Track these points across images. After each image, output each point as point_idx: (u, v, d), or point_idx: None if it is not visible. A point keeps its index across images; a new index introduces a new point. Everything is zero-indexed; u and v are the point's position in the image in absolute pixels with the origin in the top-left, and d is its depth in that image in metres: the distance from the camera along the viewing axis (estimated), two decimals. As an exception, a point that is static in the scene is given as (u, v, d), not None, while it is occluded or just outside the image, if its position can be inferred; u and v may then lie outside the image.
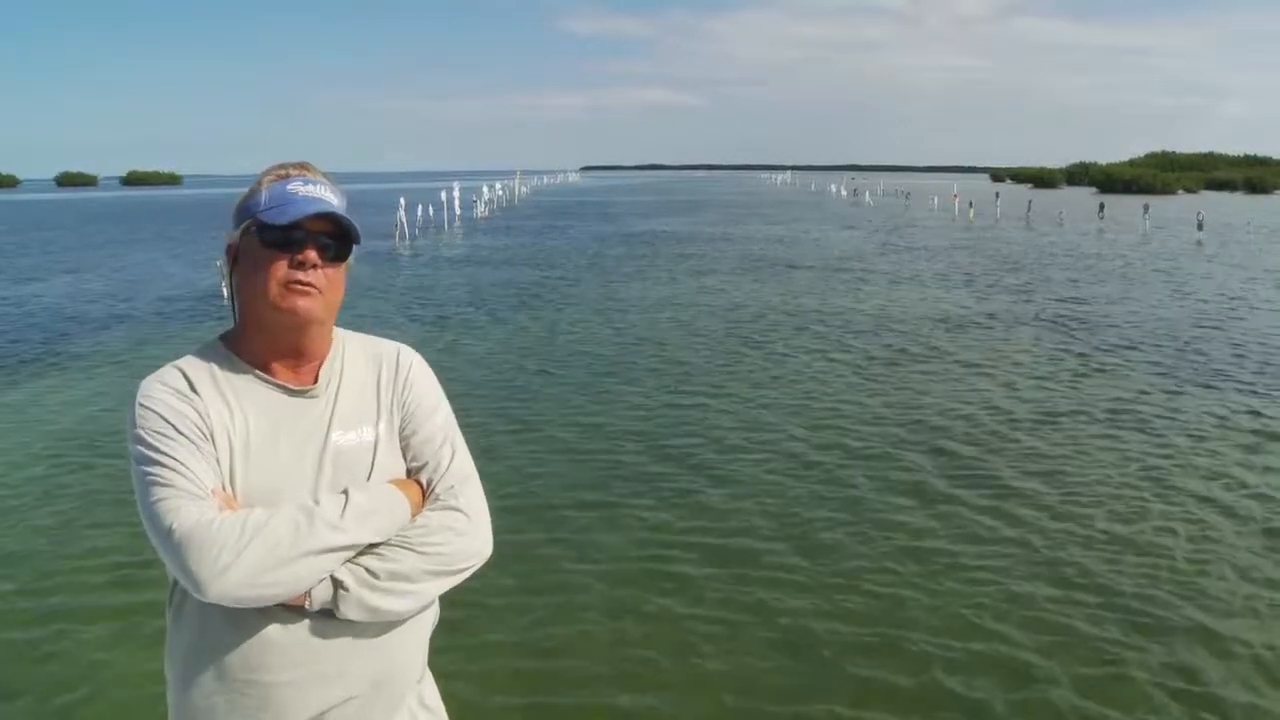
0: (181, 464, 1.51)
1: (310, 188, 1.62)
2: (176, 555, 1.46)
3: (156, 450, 1.51)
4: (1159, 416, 8.49)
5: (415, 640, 1.72)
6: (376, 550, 1.58)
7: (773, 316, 14.33)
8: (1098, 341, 12.26)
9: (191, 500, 1.48)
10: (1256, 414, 8.56)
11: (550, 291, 17.28)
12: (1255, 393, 9.41)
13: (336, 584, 1.54)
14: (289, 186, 1.62)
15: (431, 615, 1.76)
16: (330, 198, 1.63)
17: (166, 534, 1.47)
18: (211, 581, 1.45)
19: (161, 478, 1.50)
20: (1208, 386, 9.69)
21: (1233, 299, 16.22)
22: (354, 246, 1.67)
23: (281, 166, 1.66)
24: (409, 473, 1.71)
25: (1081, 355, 11.35)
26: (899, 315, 14.48)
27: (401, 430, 1.73)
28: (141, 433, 1.54)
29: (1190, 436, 7.86)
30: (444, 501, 1.68)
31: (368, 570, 1.56)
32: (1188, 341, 12.24)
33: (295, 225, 1.58)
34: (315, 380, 1.68)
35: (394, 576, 1.58)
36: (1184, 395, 9.32)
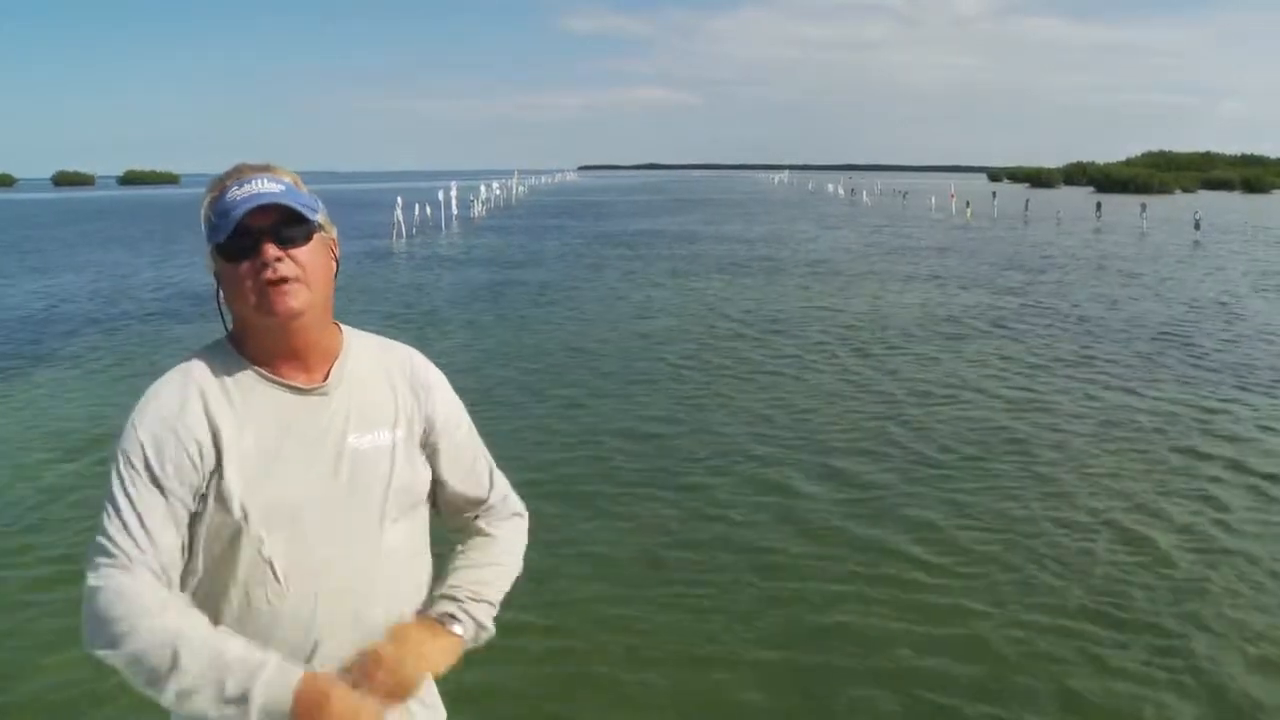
0: (139, 516, 1.49)
1: (245, 188, 1.56)
2: (86, 601, 1.47)
3: (126, 487, 1.50)
4: (1130, 417, 8.50)
5: None
6: (496, 581, 1.77)
7: (754, 318, 14.32)
8: (1087, 343, 12.27)
9: (124, 566, 1.46)
10: (1205, 419, 8.57)
11: (536, 293, 17.26)
12: (1215, 395, 9.44)
13: (480, 627, 1.70)
14: (226, 197, 1.56)
15: None
16: (269, 187, 1.56)
17: (90, 571, 1.48)
18: (89, 645, 1.46)
19: (116, 519, 1.49)
20: (1162, 384, 9.71)
21: (1217, 302, 16.17)
22: (314, 223, 1.60)
23: (217, 181, 1.62)
24: (437, 484, 1.75)
25: (1064, 358, 11.35)
26: (883, 316, 14.48)
27: (426, 437, 1.72)
28: (120, 457, 1.52)
29: (1138, 435, 7.92)
30: (509, 508, 1.88)
31: (491, 605, 1.73)
32: (1166, 341, 12.27)
33: (240, 231, 1.53)
34: (326, 378, 1.63)
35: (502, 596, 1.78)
36: (1148, 394, 9.36)
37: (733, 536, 5.78)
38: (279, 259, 1.54)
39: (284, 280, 1.54)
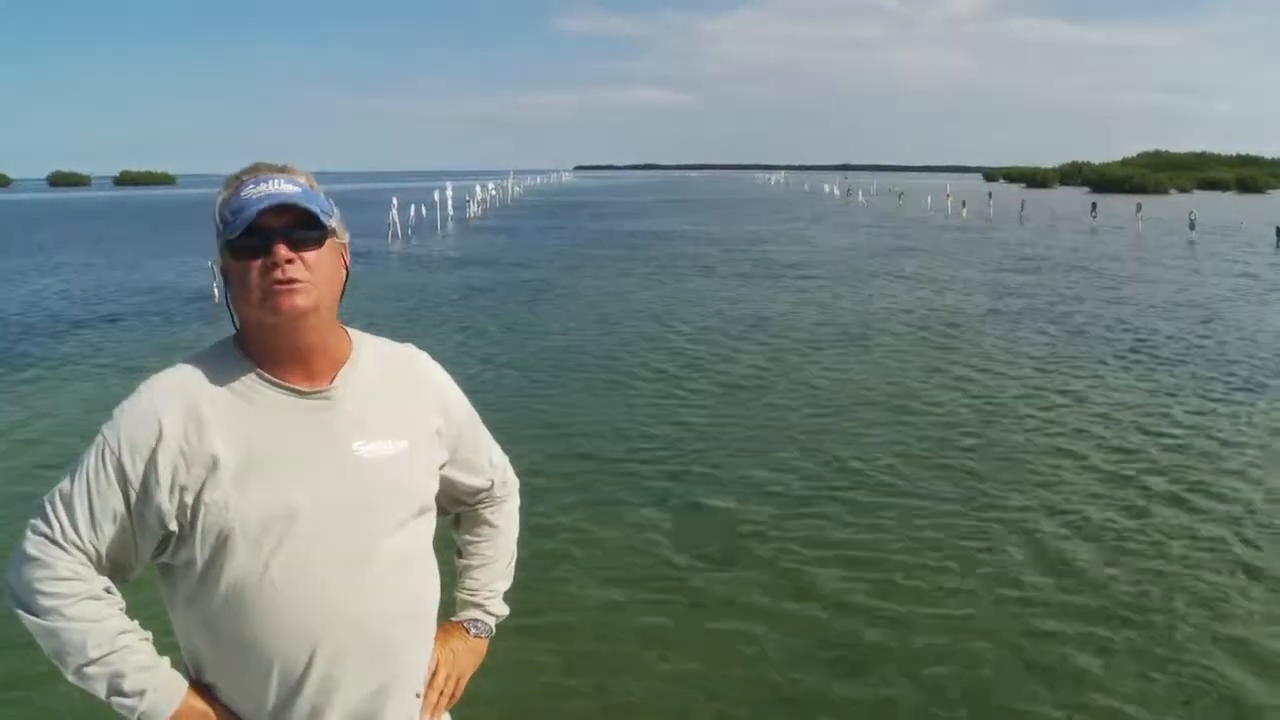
0: (91, 506, 1.50)
1: (262, 186, 1.54)
2: (18, 561, 1.51)
3: (90, 473, 1.51)
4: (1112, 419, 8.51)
5: (425, 650, 1.73)
6: (507, 570, 1.93)
7: (739, 319, 14.35)
8: (1071, 344, 12.32)
9: (60, 544, 1.49)
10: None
11: (529, 293, 17.30)
12: (1202, 395, 9.48)
13: (500, 619, 1.90)
14: (242, 194, 1.54)
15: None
16: (285, 188, 1.54)
17: (30, 535, 1.51)
18: (11, 602, 1.51)
19: (71, 500, 1.50)
20: (1142, 383, 9.75)
21: (1204, 304, 16.16)
22: (327, 226, 1.58)
23: (234, 177, 1.60)
24: (445, 481, 1.76)
25: (1046, 360, 11.37)
26: (870, 317, 14.52)
27: (437, 442, 1.72)
28: (99, 441, 1.52)
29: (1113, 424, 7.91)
30: (508, 487, 1.93)
31: (504, 594, 1.91)
32: (1151, 341, 12.32)
33: (253, 230, 1.51)
34: (331, 382, 1.60)
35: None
36: (1130, 395, 9.41)
37: (718, 535, 5.80)
38: (289, 260, 1.52)
39: (292, 281, 1.51)
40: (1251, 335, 12.83)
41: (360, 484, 1.58)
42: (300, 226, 1.54)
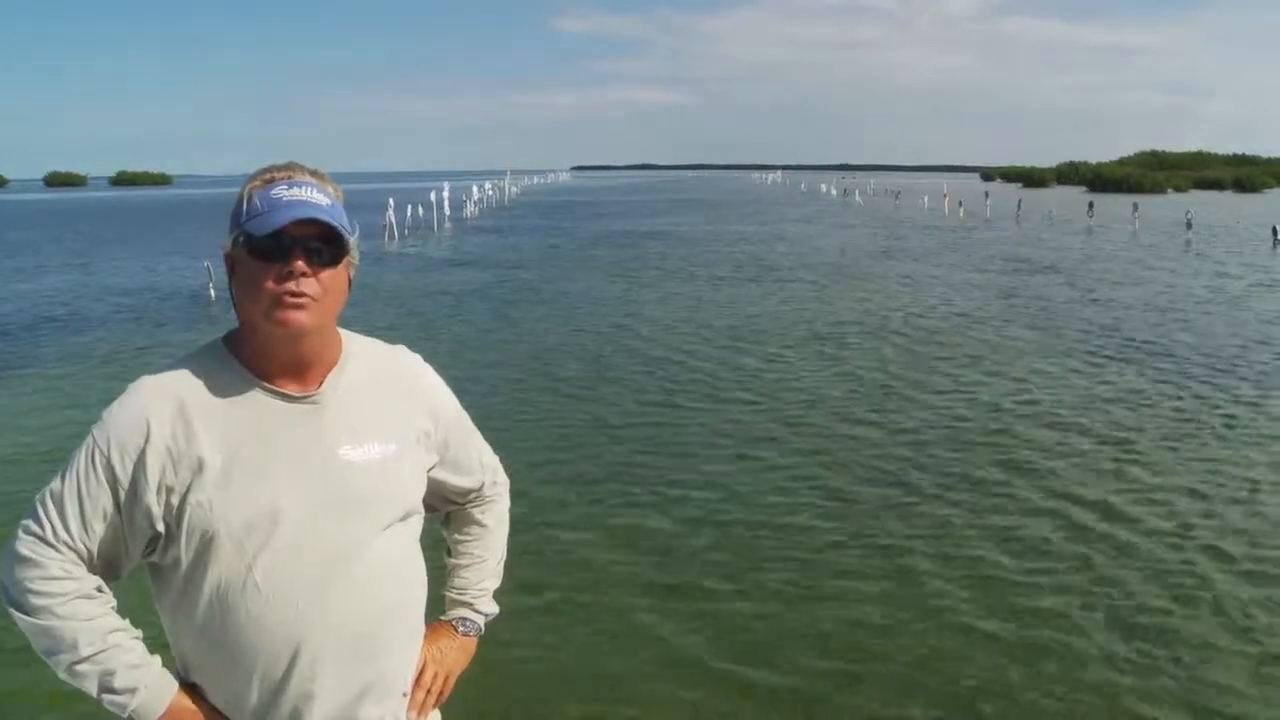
0: (81, 506, 1.51)
1: (295, 190, 1.53)
2: (9, 560, 1.52)
3: (80, 474, 1.52)
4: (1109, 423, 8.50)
5: (411, 651, 1.73)
6: (497, 568, 1.92)
7: (727, 319, 14.38)
8: (1062, 345, 12.32)
9: (52, 544, 1.50)
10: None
11: (523, 293, 17.32)
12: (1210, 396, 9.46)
13: (489, 618, 1.90)
14: (273, 192, 1.53)
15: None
16: (318, 198, 1.54)
17: (22, 534, 1.52)
18: (3, 599, 1.54)
19: (61, 500, 1.51)
20: (1131, 384, 9.74)
21: (1196, 299, 16.21)
22: (348, 246, 1.58)
23: (267, 170, 1.59)
24: (435, 482, 1.77)
25: (1036, 360, 11.34)
26: (864, 316, 14.54)
27: (427, 445, 1.72)
28: (89, 442, 1.53)
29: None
30: (498, 487, 1.94)
31: (493, 592, 1.91)
32: (1142, 341, 12.34)
33: (279, 234, 1.51)
34: (319, 386, 1.60)
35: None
36: (1122, 398, 9.40)
37: (702, 537, 5.83)
38: (305, 274, 1.52)
39: (302, 296, 1.52)
40: (1245, 335, 12.86)
41: (345, 488, 1.58)
42: (323, 241, 1.54)
